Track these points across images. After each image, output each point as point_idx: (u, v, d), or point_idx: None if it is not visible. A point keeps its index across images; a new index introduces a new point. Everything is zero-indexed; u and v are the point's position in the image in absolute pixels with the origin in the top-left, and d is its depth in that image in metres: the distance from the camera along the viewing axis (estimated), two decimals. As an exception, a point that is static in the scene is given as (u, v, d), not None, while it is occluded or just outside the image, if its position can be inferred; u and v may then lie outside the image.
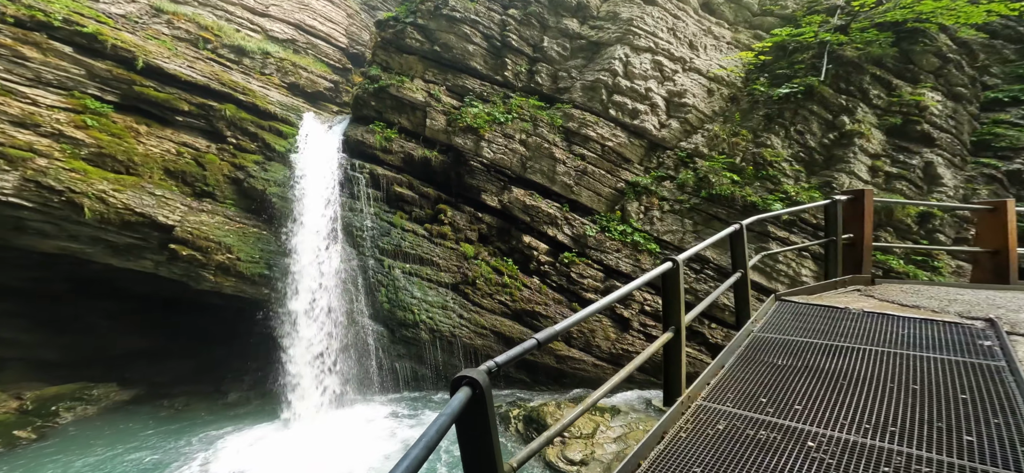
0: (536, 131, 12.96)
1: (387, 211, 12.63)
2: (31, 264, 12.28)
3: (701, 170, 13.00)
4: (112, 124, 12.09)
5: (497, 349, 12.20)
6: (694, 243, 12.79)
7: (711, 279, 12.42)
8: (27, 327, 12.18)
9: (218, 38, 14.77)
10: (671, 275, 3.59)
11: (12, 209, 10.84)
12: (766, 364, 4.08)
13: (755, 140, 13.03)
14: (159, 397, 11.77)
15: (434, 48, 13.45)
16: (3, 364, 11.59)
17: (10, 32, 11.08)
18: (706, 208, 12.65)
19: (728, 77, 14.29)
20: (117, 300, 13.35)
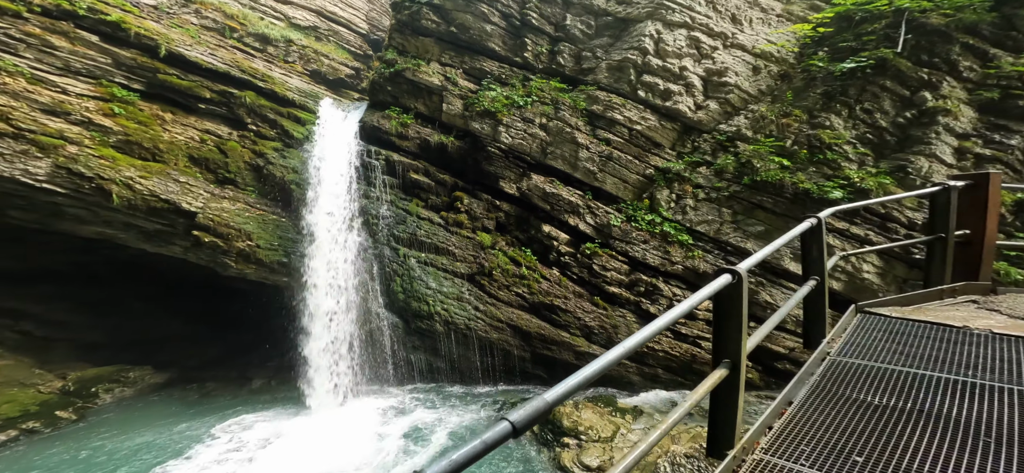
0: (557, 115, 12.16)
1: (403, 198, 12.29)
2: (74, 248, 12.78)
3: (743, 154, 11.86)
4: (139, 112, 12.24)
5: (514, 343, 11.77)
6: (733, 235, 11.67)
7: (753, 275, 11.41)
8: (73, 309, 12.77)
9: (243, 26, 14.69)
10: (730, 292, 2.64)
11: (47, 195, 11.20)
12: (853, 403, 3.09)
13: (810, 121, 11.74)
14: (189, 381, 12.14)
15: (450, 29, 12.80)
16: (52, 344, 12.20)
17: (38, 22, 11.26)
18: (748, 196, 11.59)
19: (779, 53, 12.85)
20: (153, 284, 13.78)
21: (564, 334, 11.80)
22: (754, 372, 11.47)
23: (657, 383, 12.19)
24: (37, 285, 12.46)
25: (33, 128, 10.97)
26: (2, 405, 9.51)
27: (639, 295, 12.08)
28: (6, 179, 10.74)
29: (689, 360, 11.74)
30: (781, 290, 11.23)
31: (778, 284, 11.26)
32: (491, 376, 11.85)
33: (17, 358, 11.12)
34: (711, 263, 11.75)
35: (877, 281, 10.45)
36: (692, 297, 2.40)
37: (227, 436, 9.46)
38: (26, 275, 12.44)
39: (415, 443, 9.68)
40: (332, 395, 10.80)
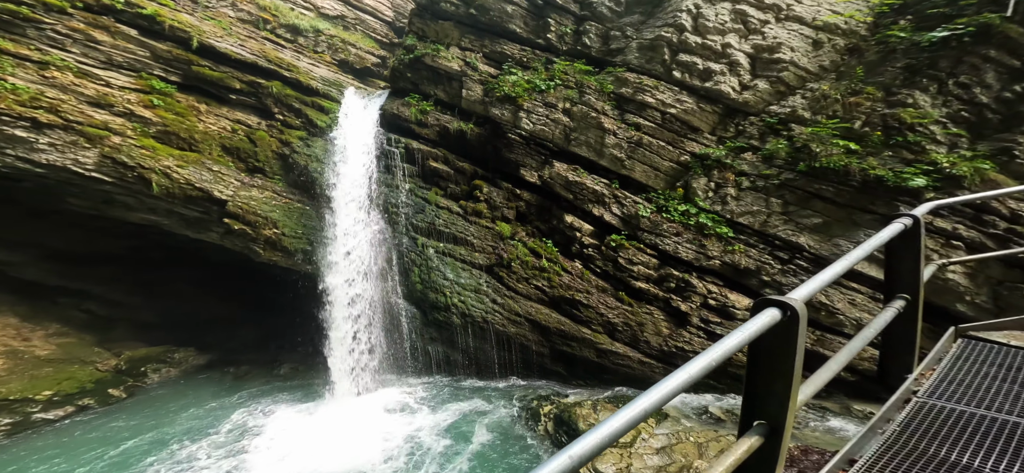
0: (582, 99, 11.33)
1: (422, 187, 12.06)
2: (127, 233, 13.66)
3: (799, 138, 10.59)
4: (176, 103, 12.65)
5: (532, 338, 11.40)
6: (782, 227, 10.51)
7: (806, 272, 10.22)
8: (131, 291, 13.76)
9: (275, 18, 14.84)
10: (779, 333, 1.92)
11: (96, 183, 11.89)
12: (948, 467, 2.20)
13: (887, 98, 10.26)
14: (227, 363, 12.81)
15: (470, 11, 12.18)
16: (113, 323, 13.21)
17: (82, 17, 11.70)
18: (803, 184, 10.36)
19: (846, 24, 11.21)
20: (200, 268, 14.52)
21: (585, 330, 11.27)
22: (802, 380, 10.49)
23: (685, 384, 11.44)
24: (99, 267, 13.48)
25: (81, 120, 11.56)
26: (63, 381, 10.42)
27: (669, 291, 11.28)
28: (59, 168, 11.48)
29: (724, 363, 10.88)
30: (840, 291, 10.06)
31: (837, 284, 10.13)
32: (509, 370, 11.60)
33: (81, 336, 12.15)
34: (754, 258, 10.70)
35: (965, 283, 9.01)
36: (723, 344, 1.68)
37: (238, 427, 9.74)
38: (90, 258, 13.48)
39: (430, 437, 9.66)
40: (350, 385, 11.00)
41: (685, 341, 11.12)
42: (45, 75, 11.44)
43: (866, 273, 9.85)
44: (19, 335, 11.24)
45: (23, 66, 11.17)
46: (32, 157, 11.20)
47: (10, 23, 11.10)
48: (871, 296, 10.01)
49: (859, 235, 9.76)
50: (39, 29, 11.37)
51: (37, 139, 11.13)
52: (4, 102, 10.77)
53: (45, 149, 11.26)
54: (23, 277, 12.59)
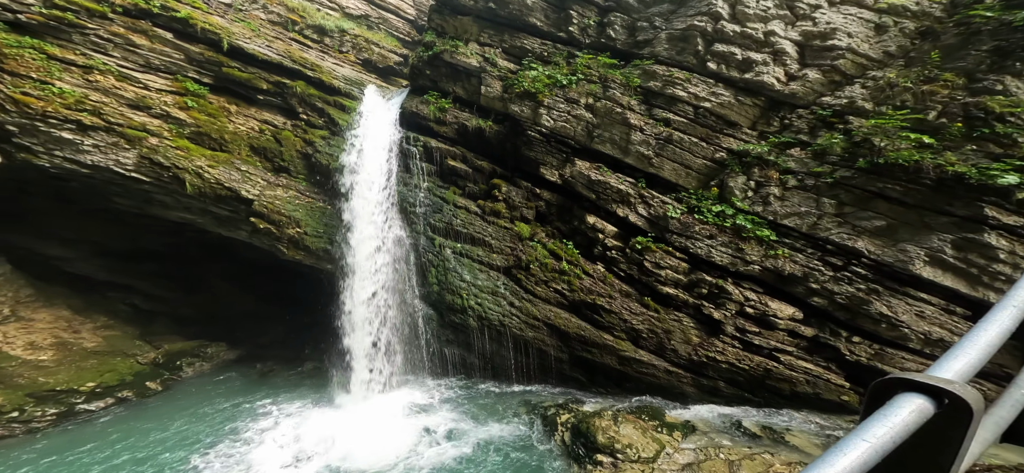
0: (606, 94, 10.60)
1: (440, 186, 11.76)
2: (166, 231, 14.25)
3: (858, 132, 9.52)
4: (209, 104, 12.91)
5: (550, 343, 10.93)
6: (836, 231, 9.54)
7: (863, 280, 9.22)
8: (170, 288, 14.37)
9: (303, 18, 14.90)
10: (931, 433, 1.15)
11: (136, 183, 12.36)
12: None
13: (970, 85, 9.05)
14: (254, 359, 13.17)
15: (489, 5, 11.72)
16: (154, 317, 13.86)
17: (121, 22, 11.99)
18: (864, 183, 9.32)
19: (917, 5, 9.92)
20: (233, 264, 14.96)
21: (607, 336, 10.67)
22: (853, 395, 9.47)
23: (717, 397, 10.67)
24: (143, 263, 14.17)
25: (121, 122, 11.95)
26: (106, 373, 11.00)
27: (700, 297, 10.47)
28: (102, 168, 11.99)
29: (761, 375, 10.04)
30: (905, 302, 8.94)
31: (903, 293, 9.03)
32: (526, 375, 11.20)
33: (124, 328, 12.81)
34: (801, 264, 9.74)
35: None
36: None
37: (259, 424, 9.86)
38: (135, 254, 14.19)
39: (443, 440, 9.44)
40: (367, 385, 10.97)
41: (718, 351, 10.31)
42: (89, 79, 11.85)
43: (940, 283, 8.69)
44: (70, 327, 11.96)
45: (69, 70, 11.61)
46: (78, 158, 11.70)
47: (57, 29, 11.53)
48: (944, 308, 8.84)
49: (932, 239, 8.67)
50: (83, 34, 11.76)
51: (82, 140, 11.60)
52: (52, 105, 11.24)
53: (89, 150, 11.74)
54: (77, 272, 13.41)
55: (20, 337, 11.45)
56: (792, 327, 9.93)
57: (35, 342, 11.41)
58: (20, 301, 12.26)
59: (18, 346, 11.23)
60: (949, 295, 8.77)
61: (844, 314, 9.50)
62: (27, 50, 11.13)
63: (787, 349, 9.90)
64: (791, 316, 9.98)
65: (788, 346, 9.90)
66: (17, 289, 12.31)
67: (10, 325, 11.64)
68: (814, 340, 9.76)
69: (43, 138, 11.27)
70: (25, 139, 11.20)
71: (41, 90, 11.08)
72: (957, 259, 8.52)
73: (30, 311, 12.21)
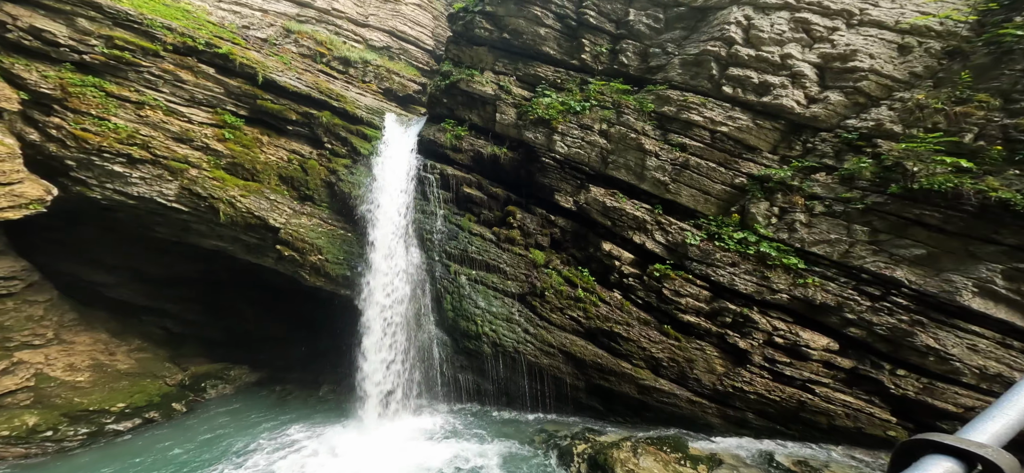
0: (620, 119, 10.58)
1: (456, 213, 11.87)
2: (200, 258, 14.89)
3: (888, 156, 9.11)
4: (243, 136, 13.57)
5: (566, 370, 10.62)
6: (870, 259, 9.03)
7: (905, 311, 8.66)
8: (200, 311, 14.90)
9: (330, 51, 15.76)
10: None
11: (176, 213, 13.00)
12: None
13: (1007, 107, 8.60)
14: (274, 382, 13.37)
15: (503, 36, 12.01)
16: (184, 340, 14.35)
17: (171, 59, 12.63)
18: (898, 209, 8.84)
19: (941, 25, 9.58)
20: (260, 289, 15.45)
21: (625, 364, 10.29)
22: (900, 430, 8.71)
23: (745, 429, 10.06)
24: (178, 288, 14.80)
25: (165, 155, 12.51)
26: (135, 394, 11.37)
27: (724, 326, 10.03)
28: (147, 199, 12.63)
29: (795, 408, 9.41)
30: (954, 334, 8.33)
31: (951, 325, 8.41)
32: (541, 403, 10.87)
33: (156, 351, 13.29)
34: (834, 293, 9.23)
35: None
36: None
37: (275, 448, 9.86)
38: (170, 280, 14.85)
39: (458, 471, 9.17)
40: (381, 410, 10.88)
41: (745, 381, 9.76)
42: (140, 114, 12.49)
43: (993, 315, 8.06)
44: (106, 349, 12.51)
45: (124, 106, 12.28)
46: (126, 190, 12.31)
47: (115, 68, 12.23)
48: (1000, 342, 8.16)
49: (980, 269, 8.09)
50: (138, 72, 12.43)
51: (131, 173, 12.24)
52: (107, 140, 11.91)
53: (136, 182, 12.35)
54: (117, 297, 14.11)
55: (61, 359, 12.03)
56: (827, 358, 9.32)
57: (74, 364, 11.95)
58: (63, 325, 12.94)
59: (58, 368, 11.79)
60: (1004, 328, 8.07)
61: (885, 346, 8.87)
62: (89, 89, 11.86)
63: (822, 381, 9.27)
64: (825, 347, 9.38)
65: (823, 378, 9.27)
66: (62, 314, 13.02)
67: (53, 348, 12.26)
68: (853, 372, 9.12)
69: (97, 171, 11.93)
70: (81, 173, 11.85)
71: (99, 126, 11.74)
72: (1010, 290, 7.87)
73: (72, 334, 12.86)
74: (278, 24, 16.60)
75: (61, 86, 11.59)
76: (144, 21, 12.17)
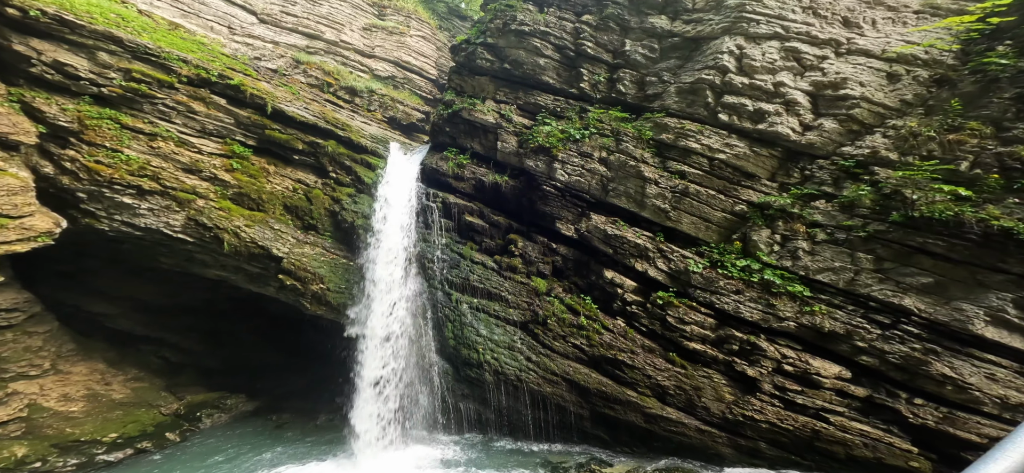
0: (619, 147, 10.75)
1: (458, 241, 11.90)
2: (203, 287, 14.86)
3: (887, 183, 9.10)
4: (251, 166, 13.67)
5: (570, 399, 10.36)
6: (877, 287, 8.88)
7: (917, 339, 8.47)
8: (199, 340, 14.75)
9: (337, 81, 16.25)
10: None
11: (181, 243, 12.90)
12: None
13: (999, 134, 8.63)
14: (272, 411, 13.06)
15: (504, 66, 12.36)
16: (181, 369, 14.15)
17: (185, 91, 12.74)
18: (901, 237, 8.75)
19: (927, 54, 9.75)
20: (261, 318, 15.36)
21: (630, 392, 10.04)
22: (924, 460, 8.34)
23: (759, 459, 9.72)
24: (179, 317, 14.70)
25: (174, 185, 12.43)
26: (129, 424, 11.12)
27: (731, 354, 9.84)
28: (153, 231, 12.42)
29: (809, 437, 9.12)
30: (970, 363, 8.12)
31: (966, 354, 8.21)
32: (544, 433, 10.54)
33: (153, 380, 13.08)
34: (842, 321, 9.08)
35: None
36: None
37: None
38: (172, 309, 14.77)
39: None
40: (380, 440, 10.57)
41: (755, 409, 9.48)
42: (153, 145, 12.53)
43: (1008, 344, 7.86)
44: (103, 379, 12.33)
45: (137, 138, 12.37)
46: (134, 221, 12.23)
47: (131, 100, 12.34)
48: (1018, 371, 7.92)
49: (990, 298, 7.95)
50: (153, 103, 12.53)
51: (140, 204, 12.19)
52: (118, 172, 11.91)
53: (144, 214, 12.27)
54: (117, 327, 14.01)
55: (55, 390, 11.84)
56: (840, 386, 9.08)
57: (68, 394, 11.76)
58: (61, 355, 12.79)
59: (52, 398, 11.59)
60: (1022, 357, 7.84)
61: (900, 375, 8.63)
62: (105, 121, 11.96)
63: (836, 409, 8.99)
64: (837, 375, 9.16)
65: (837, 407, 8.99)
66: (60, 344, 12.89)
67: (48, 378, 12.08)
68: (868, 400, 8.85)
69: (107, 203, 11.92)
70: (91, 204, 11.83)
71: (112, 158, 11.79)
72: (1023, 319, 7.70)
73: (69, 364, 12.70)
74: (288, 55, 17.18)
75: (79, 119, 11.76)
76: (162, 54, 12.46)
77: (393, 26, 18.19)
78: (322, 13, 17.89)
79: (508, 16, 12.14)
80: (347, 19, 18.22)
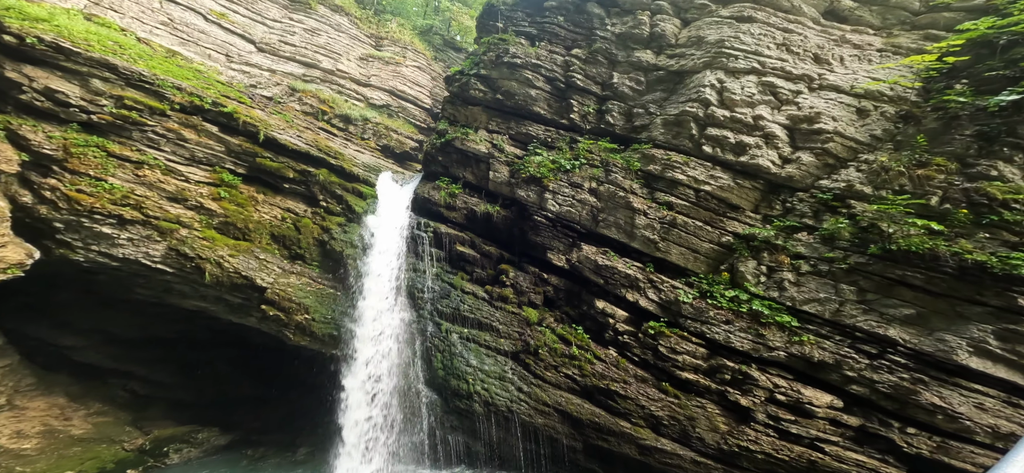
0: (608, 178, 11.05)
1: (448, 272, 11.82)
2: (180, 318, 14.28)
3: (863, 216, 9.35)
4: (239, 195, 13.33)
5: (562, 430, 10.05)
6: (862, 318, 8.98)
7: (905, 369, 8.50)
8: (171, 372, 14.02)
9: (332, 109, 16.49)
10: None
11: (160, 274, 12.24)
12: None
13: (964, 170, 8.97)
14: (247, 444, 12.31)
15: (497, 96, 12.73)
16: (150, 402, 13.36)
17: (177, 118, 12.47)
18: (881, 269, 8.90)
19: (892, 91, 10.27)
20: (239, 348, 14.72)
21: (624, 423, 9.81)
22: None
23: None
24: (149, 349, 14.01)
25: (157, 215, 11.93)
26: (87, 461, 10.32)
27: (723, 383, 9.77)
28: (131, 261, 11.81)
29: (805, 468, 8.96)
30: (958, 392, 8.16)
31: (953, 384, 8.26)
32: (536, 466, 10.12)
33: (118, 414, 12.26)
34: (831, 351, 9.08)
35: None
36: None
37: None
38: (143, 341, 14.10)
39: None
40: (363, 478, 9.99)
41: (751, 440, 9.32)
42: (138, 174, 12.10)
43: (993, 374, 7.95)
44: (62, 414, 11.50)
45: (123, 166, 11.98)
46: (112, 251, 11.68)
47: (121, 127, 12.02)
48: (1006, 401, 7.99)
49: (971, 329, 8.08)
50: (142, 131, 12.22)
51: (119, 234, 11.66)
52: (100, 201, 11.38)
53: (124, 244, 11.71)
54: (84, 360, 13.22)
55: (8, 426, 10.99)
56: (833, 415, 9.04)
57: (22, 431, 10.91)
58: (19, 390, 11.93)
59: (3, 435, 10.76)
60: (1007, 387, 7.92)
61: (891, 404, 8.61)
62: (91, 149, 11.59)
63: (831, 439, 8.90)
64: (829, 404, 9.13)
65: (832, 436, 8.91)
66: (19, 379, 12.04)
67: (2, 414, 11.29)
68: (861, 430, 8.80)
69: (85, 233, 11.41)
70: (68, 235, 11.30)
71: (94, 186, 11.39)
72: (1005, 350, 7.84)
73: (26, 400, 11.83)
74: (284, 83, 17.40)
75: (64, 146, 11.38)
76: (156, 81, 12.35)
77: (389, 56, 18.77)
78: (320, 43, 18.35)
79: (501, 49, 12.60)
80: (345, 49, 18.74)
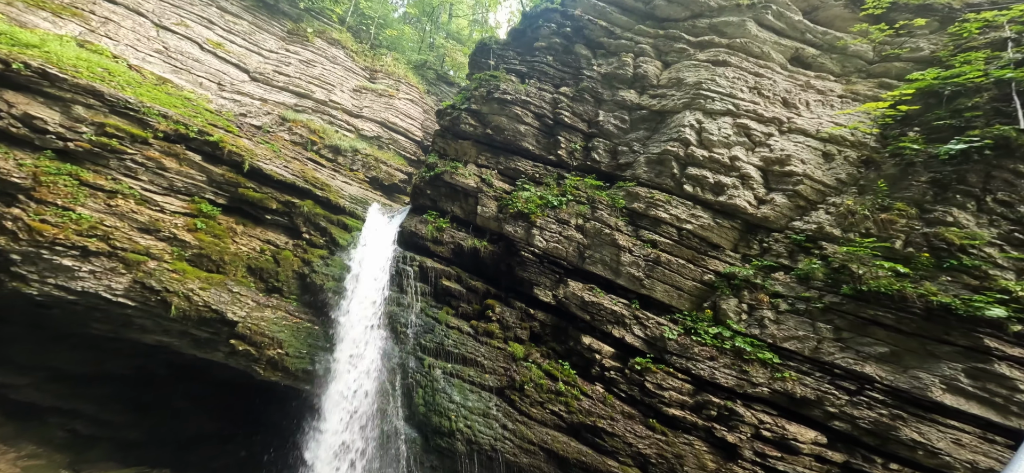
0: (594, 214, 11.35)
1: (433, 306, 11.61)
2: (137, 353, 13.36)
3: (834, 258, 9.64)
4: (217, 226, 12.89)
5: (548, 469, 9.63)
6: (840, 355, 9.12)
7: (883, 405, 8.60)
8: (122, 410, 12.90)
9: (321, 140, 16.53)
10: None
11: (119, 308, 11.46)
12: None
13: (923, 216, 9.38)
14: (204, 489, 11.20)
15: (486, 131, 13.04)
16: (94, 443, 12.17)
17: (159, 146, 12.18)
18: (855, 309, 9.13)
19: (853, 136, 10.80)
20: (201, 384, 13.70)
21: (611, 462, 9.51)
22: None
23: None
24: (100, 386, 12.90)
25: (126, 246, 11.43)
26: (14, 510, 9.18)
27: (710, 419, 9.68)
28: (91, 295, 11.15)
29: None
30: (936, 428, 8.25)
31: (931, 420, 8.36)
32: (521, 517, 9.58)
33: (52, 457, 11.09)
34: (812, 387, 9.14)
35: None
36: None
37: None
38: (93, 378, 13.03)
39: None
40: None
41: (736, 478, 9.14)
42: (110, 204, 11.70)
43: (967, 411, 8.11)
44: (-9, 458, 10.37)
45: (95, 195, 11.55)
46: (69, 284, 11.05)
47: (98, 155, 11.67)
48: (982, 437, 8.10)
49: (942, 368, 8.29)
50: (120, 159, 11.88)
51: (80, 267, 11.08)
52: (64, 232, 10.86)
53: (84, 277, 11.12)
54: (22, 399, 12.06)
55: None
56: (818, 452, 9.03)
57: (-59, 477, 9.76)
58: (-61, 430, 10.82)
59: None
60: (982, 423, 8.07)
61: (872, 440, 8.65)
62: (63, 177, 11.21)
63: (816, 477, 8.87)
64: (814, 440, 9.14)
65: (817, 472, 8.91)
66: (-55, 418, 10.97)
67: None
68: (846, 466, 8.75)
69: (42, 266, 10.84)
70: (24, 267, 10.74)
71: (60, 217, 10.92)
72: (976, 388, 8.05)
73: (-53, 441, 10.70)
74: (275, 113, 17.38)
75: (34, 175, 10.96)
76: (141, 109, 12.15)
77: (383, 89, 19.18)
78: (314, 74, 18.65)
79: (492, 85, 13.03)
80: (339, 81, 19.07)
